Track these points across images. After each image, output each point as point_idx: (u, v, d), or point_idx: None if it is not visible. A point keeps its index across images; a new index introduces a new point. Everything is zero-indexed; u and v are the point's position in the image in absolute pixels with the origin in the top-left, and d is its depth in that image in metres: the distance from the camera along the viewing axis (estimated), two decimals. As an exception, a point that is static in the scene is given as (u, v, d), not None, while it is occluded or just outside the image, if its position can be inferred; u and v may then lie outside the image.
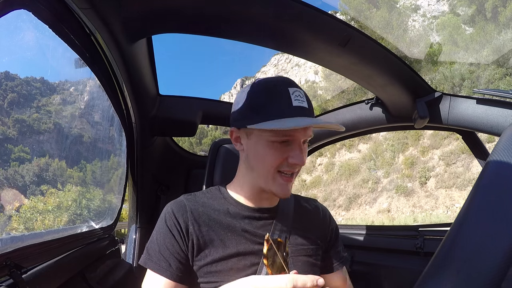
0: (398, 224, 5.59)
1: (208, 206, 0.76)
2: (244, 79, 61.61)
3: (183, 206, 0.75)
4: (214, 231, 0.73)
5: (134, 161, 1.37)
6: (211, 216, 0.75)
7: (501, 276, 0.31)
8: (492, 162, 0.42)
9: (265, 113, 0.68)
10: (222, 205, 0.78)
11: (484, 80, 13.39)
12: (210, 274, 0.70)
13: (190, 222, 0.72)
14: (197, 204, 0.76)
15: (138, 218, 1.48)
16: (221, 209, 0.77)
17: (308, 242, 0.79)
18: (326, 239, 0.85)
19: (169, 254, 0.71)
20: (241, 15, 0.85)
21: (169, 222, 0.73)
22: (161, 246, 0.72)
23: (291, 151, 0.70)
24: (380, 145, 16.79)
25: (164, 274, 0.70)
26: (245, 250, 0.72)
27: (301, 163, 0.70)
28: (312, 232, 0.81)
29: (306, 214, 0.85)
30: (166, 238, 0.72)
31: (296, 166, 0.71)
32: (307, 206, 0.87)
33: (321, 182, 18.04)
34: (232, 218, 0.75)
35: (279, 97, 0.69)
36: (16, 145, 1.41)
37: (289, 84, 0.71)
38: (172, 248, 0.71)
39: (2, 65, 0.98)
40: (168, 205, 0.77)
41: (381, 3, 21.25)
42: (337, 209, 15.47)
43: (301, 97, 0.70)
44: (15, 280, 0.66)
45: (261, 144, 0.70)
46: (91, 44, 0.91)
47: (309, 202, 0.90)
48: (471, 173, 12.09)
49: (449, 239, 0.38)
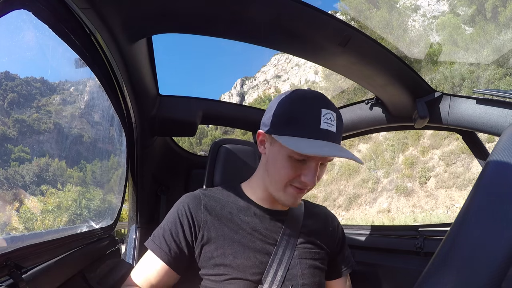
0: (398, 224, 5.59)
1: (222, 202, 0.79)
2: (244, 79, 61.62)
3: (198, 200, 0.78)
4: (226, 226, 0.75)
5: (134, 161, 1.37)
6: (224, 212, 0.77)
7: (501, 276, 0.31)
8: (492, 162, 0.42)
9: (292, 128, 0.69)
10: (236, 203, 0.80)
11: (484, 80, 13.38)
12: (219, 266, 0.72)
13: (203, 215, 0.75)
14: (212, 199, 0.79)
15: (138, 218, 1.48)
16: (234, 206, 0.79)
17: (315, 246, 0.81)
18: (333, 246, 0.87)
19: (171, 239, 0.73)
20: (241, 15, 0.85)
21: (180, 211, 0.76)
22: (165, 231, 0.74)
23: (305, 170, 0.71)
24: (380, 145, 16.79)
25: (161, 257, 0.72)
26: (254, 248, 0.74)
27: (312, 184, 0.71)
28: (320, 238, 0.83)
29: (315, 220, 0.87)
30: (173, 224, 0.75)
31: (307, 185, 0.72)
32: (316, 213, 0.90)
33: (321, 182, 18.03)
34: (244, 216, 0.78)
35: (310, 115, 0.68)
36: (16, 145, 1.41)
37: (324, 104, 0.70)
38: (176, 235, 0.73)
39: (2, 65, 0.98)
40: (184, 196, 0.81)
41: (381, 3, 21.24)
42: (337, 209, 15.46)
43: (332, 120, 0.69)
44: (15, 280, 0.66)
45: (281, 155, 0.71)
46: (91, 44, 0.91)
47: (319, 209, 0.93)
48: (471, 173, 12.09)
49: (449, 239, 0.38)
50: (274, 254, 0.75)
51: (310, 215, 0.87)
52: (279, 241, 0.77)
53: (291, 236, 0.78)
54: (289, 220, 0.81)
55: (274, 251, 0.75)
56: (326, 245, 0.84)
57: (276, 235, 0.78)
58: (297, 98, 0.71)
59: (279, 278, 0.72)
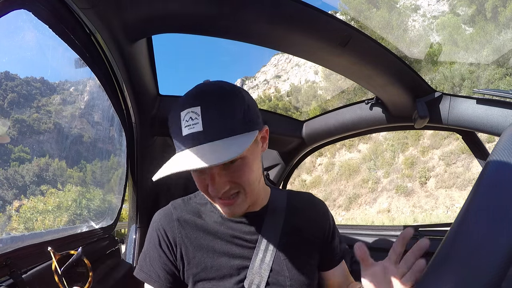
0: (398, 224, 5.57)
1: (196, 213, 0.75)
2: (244, 79, 61.62)
3: (170, 215, 0.74)
4: (203, 238, 0.72)
5: (134, 161, 1.36)
6: (198, 223, 0.73)
7: (501, 276, 0.31)
8: (492, 162, 0.42)
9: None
10: (210, 211, 0.75)
11: (484, 80, 13.39)
12: (203, 281, 0.69)
13: (178, 231, 0.72)
14: (185, 211, 0.75)
15: (138, 218, 1.48)
16: (209, 215, 0.75)
17: (302, 242, 0.76)
18: (323, 234, 0.80)
19: (158, 265, 0.71)
20: (241, 15, 0.85)
21: (156, 233, 0.73)
22: (150, 257, 0.72)
23: (207, 181, 0.61)
24: (380, 145, 16.79)
25: (154, 285, 0.71)
26: (234, 255, 0.71)
27: (218, 196, 0.62)
28: (307, 230, 0.78)
29: (300, 211, 0.80)
30: (154, 249, 0.72)
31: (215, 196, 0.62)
32: (301, 202, 0.82)
33: (321, 182, 18.04)
34: (220, 225, 0.73)
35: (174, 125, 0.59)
36: (16, 145, 1.41)
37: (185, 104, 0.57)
38: (160, 260, 0.71)
39: (2, 65, 0.99)
40: (156, 215, 0.77)
41: (381, 3, 21.25)
42: (337, 209, 15.47)
43: (193, 119, 0.56)
44: (15, 280, 0.66)
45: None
46: (91, 44, 0.91)
47: (303, 197, 0.84)
48: (471, 173, 12.09)
49: (449, 239, 0.38)
50: (253, 258, 0.70)
51: (294, 207, 0.79)
52: (258, 243, 0.72)
53: (271, 237, 0.72)
54: (269, 218, 0.75)
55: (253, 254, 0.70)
56: (315, 237, 0.78)
57: (256, 237, 0.72)
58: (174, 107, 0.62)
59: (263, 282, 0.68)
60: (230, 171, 0.61)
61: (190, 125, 0.56)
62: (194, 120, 0.56)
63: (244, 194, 0.64)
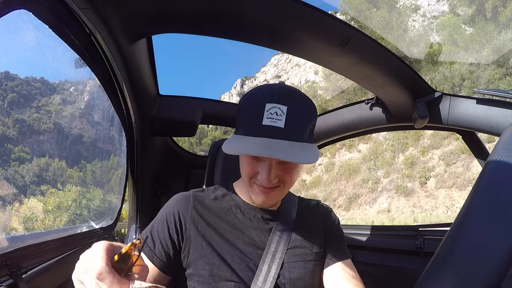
0: (398, 224, 5.58)
1: (213, 203, 0.78)
2: (244, 79, 61.62)
3: (188, 199, 0.77)
4: (214, 228, 0.74)
5: (134, 161, 1.37)
6: (213, 212, 0.76)
7: (501, 276, 0.31)
8: (492, 162, 0.42)
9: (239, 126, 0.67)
10: (227, 202, 0.79)
11: (484, 80, 13.39)
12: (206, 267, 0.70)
13: (190, 217, 0.74)
14: (203, 200, 0.78)
15: (138, 218, 1.48)
16: (225, 206, 0.78)
17: (308, 247, 0.78)
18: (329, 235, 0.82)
19: (157, 237, 0.73)
20: (241, 15, 0.85)
21: (168, 210, 0.76)
22: (153, 229, 0.75)
23: (261, 168, 0.67)
24: (380, 145, 16.79)
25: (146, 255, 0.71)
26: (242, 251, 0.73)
27: (265, 185, 0.68)
28: (314, 235, 0.80)
29: (309, 217, 0.84)
30: (160, 223, 0.75)
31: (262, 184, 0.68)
32: (309, 209, 0.86)
33: (321, 182, 18.04)
34: (234, 216, 0.77)
35: (252, 111, 0.65)
36: (16, 145, 1.41)
37: (272, 98, 0.63)
38: (162, 233, 0.73)
39: (2, 65, 0.99)
40: (175, 196, 0.80)
41: (381, 3, 21.25)
42: (337, 209, 15.46)
43: (278, 115, 0.62)
44: (15, 280, 0.66)
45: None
46: (91, 44, 0.91)
47: (311, 204, 0.89)
48: (471, 173, 12.10)
49: (449, 239, 0.38)
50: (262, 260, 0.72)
51: (303, 213, 0.83)
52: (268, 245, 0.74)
53: (281, 240, 0.75)
54: (280, 220, 0.78)
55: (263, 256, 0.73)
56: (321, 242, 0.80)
57: (265, 238, 0.75)
58: (249, 94, 0.69)
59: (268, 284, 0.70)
60: (283, 167, 0.68)
61: (273, 118, 0.62)
62: (278, 116, 0.62)
63: (283, 189, 0.72)
